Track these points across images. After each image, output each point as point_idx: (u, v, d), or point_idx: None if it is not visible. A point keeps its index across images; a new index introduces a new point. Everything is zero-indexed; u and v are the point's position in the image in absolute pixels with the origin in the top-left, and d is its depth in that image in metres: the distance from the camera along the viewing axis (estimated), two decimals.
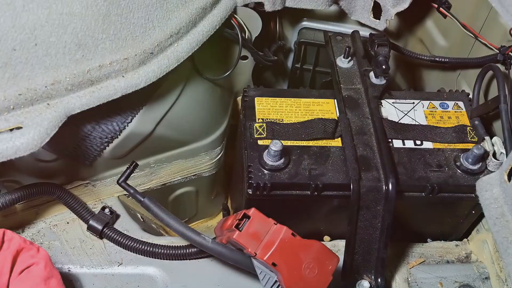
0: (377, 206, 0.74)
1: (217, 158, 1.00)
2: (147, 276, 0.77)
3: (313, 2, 0.93)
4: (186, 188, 1.02)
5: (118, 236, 0.79)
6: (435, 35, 1.04)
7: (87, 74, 0.65)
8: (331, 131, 0.79)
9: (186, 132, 0.90)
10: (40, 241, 0.79)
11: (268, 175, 0.74)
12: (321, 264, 0.63)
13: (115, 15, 0.66)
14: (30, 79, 0.62)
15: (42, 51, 0.62)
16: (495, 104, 0.80)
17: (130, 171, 0.76)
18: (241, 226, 0.64)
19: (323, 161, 0.77)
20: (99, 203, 0.85)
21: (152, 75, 0.70)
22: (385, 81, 0.87)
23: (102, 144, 0.77)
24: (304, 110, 0.84)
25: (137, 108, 0.77)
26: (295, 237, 0.63)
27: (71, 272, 0.76)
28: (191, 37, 0.75)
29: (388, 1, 0.94)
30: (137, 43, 0.69)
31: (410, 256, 0.84)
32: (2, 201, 0.71)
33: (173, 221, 0.72)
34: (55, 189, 0.77)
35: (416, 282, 0.81)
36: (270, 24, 1.01)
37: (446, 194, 0.78)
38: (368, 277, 0.77)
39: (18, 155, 0.60)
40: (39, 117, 0.62)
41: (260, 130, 0.79)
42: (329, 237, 0.85)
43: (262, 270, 0.65)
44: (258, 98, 0.84)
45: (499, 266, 0.81)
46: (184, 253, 0.78)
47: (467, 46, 0.94)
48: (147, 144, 0.83)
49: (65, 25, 0.63)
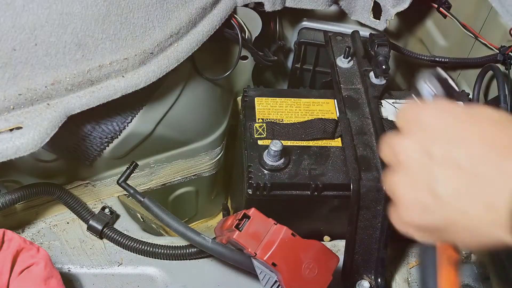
0: (377, 206, 0.74)
1: (217, 158, 1.00)
2: (147, 276, 0.77)
3: (313, 2, 0.93)
4: (186, 188, 1.02)
5: (118, 236, 0.79)
6: (435, 35, 1.04)
7: (87, 74, 0.65)
8: (331, 131, 0.79)
9: (186, 132, 0.90)
10: (40, 241, 0.79)
11: (268, 175, 0.74)
12: (321, 264, 0.63)
13: (115, 15, 0.66)
14: (30, 79, 0.62)
15: (42, 51, 0.62)
16: (495, 104, 0.80)
17: (130, 171, 0.76)
18: (241, 226, 0.64)
19: (323, 161, 0.77)
20: (99, 203, 0.85)
21: (152, 75, 0.70)
22: (385, 81, 0.87)
23: (102, 144, 0.77)
24: (304, 110, 0.84)
25: (137, 108, 0.77)
26: (295, 237, 0.63)
27: (71, 272, 0.76)
28: (191, 37, 0.75)
29: (388, 1, 0.94)
30: (137, 43, 0.69)
31: (410, 256, 0.84)
32: (2, 201, 0.71)
33: (173, 221, 0.72)
34: (55, 189, 0.77)
35: (416, 282, 0.81)
36: (270, 24, 1.01)
37: None
38: (368, 277, 0.77)
39: (18, 155, 0.60)
40: (39, 117, 0.62)
41: (260, 130, 0.79)
42: (329, 237, 0.85)
43: (262, 270, 0.65)
44: (258, 98, 0.84)
45: None
46: (184, 253, 0.78)
47: (467, 46, 0.94)
48: (147, 144, 0.83)
49: (65, 25, 0.63)
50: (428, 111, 0.48)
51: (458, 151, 0.45)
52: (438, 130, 0.47)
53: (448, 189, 0.45)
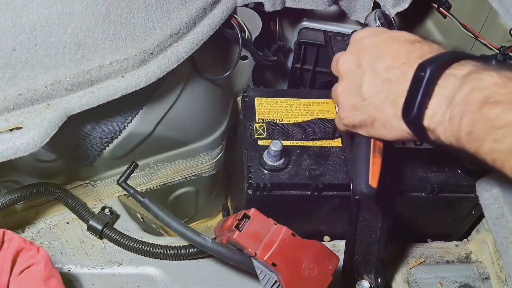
0: (377, 206, 0.74)
1: (217, 158, 1.00)
2: (147, 276, 0.77)
3: (313, 2, 0.93)
4: (186, 188, 1.02)
5: (118, 236, 0.79)
6: (435, 35, 1.04)
7: (87, 74, 0.65)
8: (331, 131, 0.79)
9: (186, 132, 0.90)
10: (40, 241, 0.79)
11: (268, 175, 0.74)
12: (321, 264, 0.63)
13: (115, 15, 0.66)
14: (30, 79, 0.62)
15: (42, 51, 0.62)
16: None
17: (130, 171, 0.76)
18: (241, 226, 0.64)
19: (323, 161, 0.77)
20: (99, 203, 0.85)
21: (152, 75, 0.70)
22: None
23: (102, 144, 0.77)
24: (304, 110, 0.84)
25: (137, 108, 0.77)
26: (295, 237, 0.63)
27: (71, 272, 0.76)
28: (191, 37, 0.75)
29: (388, 1, 0.94)
30: (137, 43, 0.69)
31: (410, 256, 0.84)
32: (2, 201, 0.71)
33: (173, 221, 0.72)
34: (55, 189, 0.77)
35: (416, 282, 0.81)
36: (270, 24, 1.01)
37: (446, 194, 0.78)
38: (368, 277, 0.77)
39: (18, 155, 0.60)
40: (39, 117, 0.62)
41: (260, 130, 0.79)
42: (329, 237, 0.85)
43: (262, 270, 0.65)
44: (258, 98, 0.84)
45: (499, 266, 0.81)
46: (184, 253, 0.78)
47: (467, 46, 0.94)
48: (147, 144, 0.83)
49: (65, 25, 0.63)
50: (363, 34, 0.64)
51: (379, 62, 0.58)
52: (367, 48, 0.61)
53: (370, 91, 0.59)
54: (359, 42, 0.63)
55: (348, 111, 0.63)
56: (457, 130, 0.50)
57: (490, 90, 0.47)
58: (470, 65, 0.52)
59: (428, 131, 0.54)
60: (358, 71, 0.61)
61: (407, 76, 0.54)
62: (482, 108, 0.47)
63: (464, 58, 0.53)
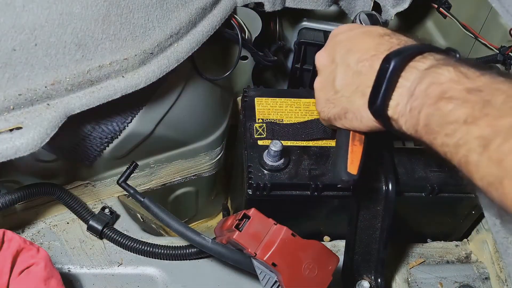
0: (377, 206, 0.74)
1: (217, 158, 1.00)
2: (147, 276, 0.77)
3: (313, 2, 0.93)
4: (186, 188, 1.02)
5: (118, 236, 0.79)
6: (435, 35, 1.04)
7: (87, 74, 0.65)
8: (331, 131, 0.79)
9: (186, 132, 0.90)
10: (40, 241, 0.79)
11: (268, 175, 0.74)
12: (321, 264, 0.63)
13: (115, 15, 0.66)
14: (30, 79, 0.62)
15: (42, 51, 0.62)
16: None
17: (130, 171, 0.76)
18: (241, 226, 0.64)
19: (323, 161, 0.77)
20: (99, 203, 0.85)
21: (152, 75, 0.70)
22: None
23: (102, 144, 0.77)
24: (304, 110, 0.84)
25: (137, 108, 0.77)
26: (295, 237, 0.63)
27: (71, 272, 0.77)
28: (191, 37, 0.75)
29: (388, 1, 0.94)
30: (137, 43, 0.69)
31: (410, 256, 0.84)
32: (2, 201, 0.71)
33: (173, 221, 0.72)
34: (55, 189, 0.77)
35: (416, 282, 0.81)
36: (270, 24, 1.01)
37: (446, 194, 0.78)
38: (368, 277, 0.77)
39: (18, 155, 0.60)
40: (39, 117, 0.62)
41: (260, 131, 0.79)
42: (329, 237, 0.85)
43: (262, 270, 0.65)
44: (258, 98, 0.84)
45: (499, 267, 0.81)
46: (184, 253, 0.78)
47: (467, 46, 0.94)
48: (147, 144, 0.83)
49: (65, 25, 0.63)
50: (338, 30, 0.66)
51: (351, 56, 0.60)
52: (341, 43, 0.64)
53: (341, 84, 0.62)
54: (335, 38, 0.66)
55: (323, 105, 0.66)
56: (415, 122, 0.52)
57: (446, 86, 0.49)
58: (432, 58, 0.53)
59: (392, 120, 0.55)
60: (332, 65, 0.64)
61: (375, 68, 0.56)
62: (438, 103, 0.48)
63: (429, 51, 0.55)
